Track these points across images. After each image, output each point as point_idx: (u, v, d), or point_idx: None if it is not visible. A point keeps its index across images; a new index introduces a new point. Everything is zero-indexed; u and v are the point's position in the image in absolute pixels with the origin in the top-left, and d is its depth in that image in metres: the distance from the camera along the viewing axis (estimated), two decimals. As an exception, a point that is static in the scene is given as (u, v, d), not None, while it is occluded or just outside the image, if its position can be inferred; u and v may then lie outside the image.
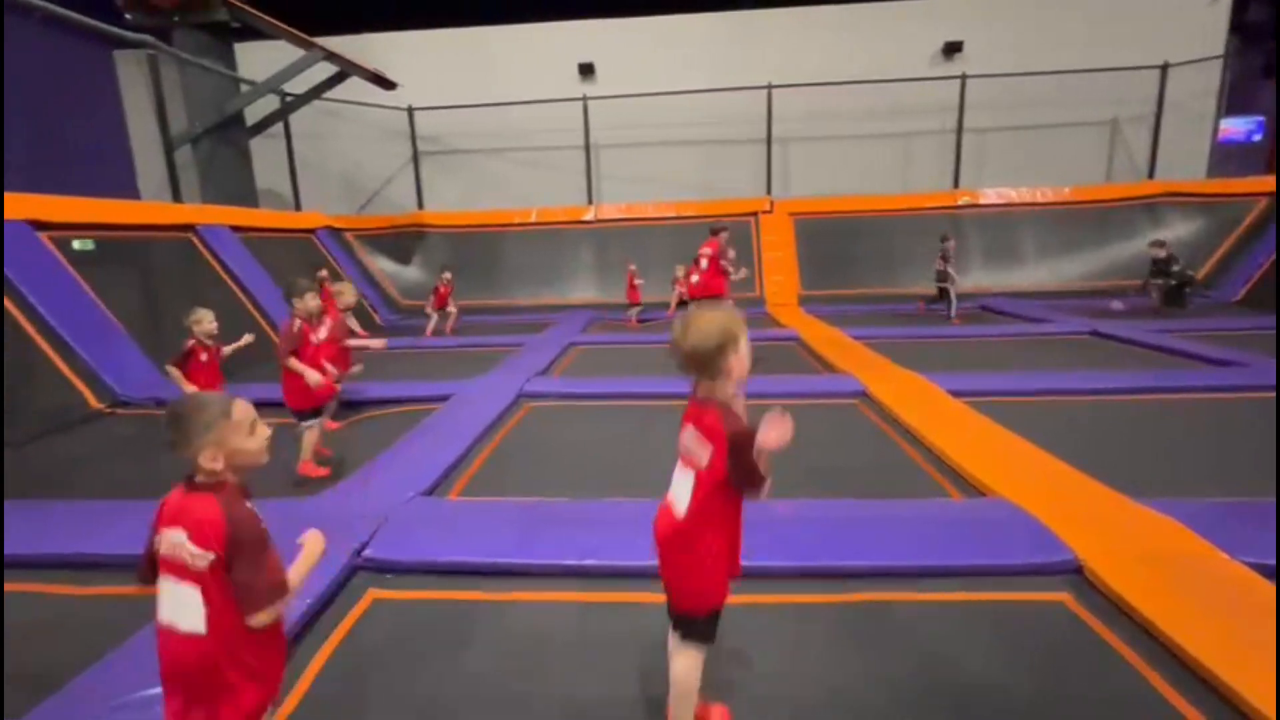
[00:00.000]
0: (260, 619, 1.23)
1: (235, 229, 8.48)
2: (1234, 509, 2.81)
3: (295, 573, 1.32)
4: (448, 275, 9.36)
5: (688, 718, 1.65)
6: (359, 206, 13.44)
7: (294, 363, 3.56)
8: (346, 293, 5.06)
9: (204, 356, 3.82)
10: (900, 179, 12.66)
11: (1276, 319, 6.87)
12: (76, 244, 6.08)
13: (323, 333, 3.90)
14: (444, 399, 5.07)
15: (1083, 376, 5.18)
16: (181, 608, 1.22)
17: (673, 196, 12.44)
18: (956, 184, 11.99)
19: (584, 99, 12.26)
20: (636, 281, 9.52)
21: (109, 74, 13.13)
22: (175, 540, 1.22)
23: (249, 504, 1.29)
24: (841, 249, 11.39)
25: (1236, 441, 3.88)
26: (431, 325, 8.97)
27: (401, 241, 12.12)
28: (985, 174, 12.29)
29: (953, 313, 8.73)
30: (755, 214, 11.76)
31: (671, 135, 12.80)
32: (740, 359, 1.48)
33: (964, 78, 11.69)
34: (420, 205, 12.96)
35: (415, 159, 12.91)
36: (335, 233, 11.24)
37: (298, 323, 3.66)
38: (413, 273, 12.00)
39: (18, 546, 2.72)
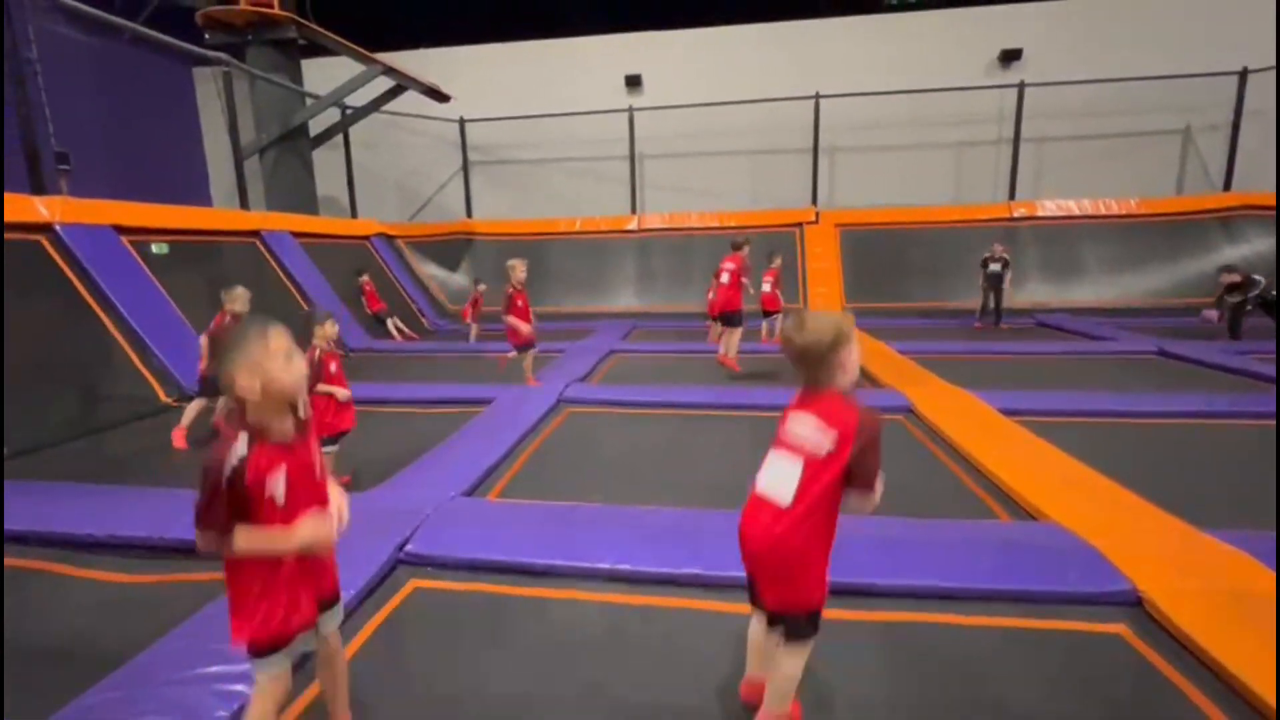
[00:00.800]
0: None
1: (296, 234, 8.90)
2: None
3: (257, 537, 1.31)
4: (483, 286, 9.21)
5: (783, 715, 1.63)
6: (411, 214, 13.93)
7: (323, 385, 3.44)
8: (236, 301, 4.25)
9: (333, 367, 3.50)
10: (952, 189, 12.33)
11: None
12: (154, 248, 6.51)
13: (333, 366, 3.53)
14: (487, 402, 5.18)
15: (1146, 398, 4.91)
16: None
17: (717, 207, 12.43)
18: (1013, 195, 11.58)
19: (630, 110, 12.41)
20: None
21: (188, 89, 14.05)
22: None
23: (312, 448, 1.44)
24: (889, 261, 11.14)
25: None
26: (473, 334, 9.09)
27: (450, 248, 12.49)
28: (1044, 185, 11.85)
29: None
30: (800, 224, 11.63)
31: (717, 146, 12.82)
32: (853, 357, 1.50)
33: (1022, 85, 11.31)
34: (469, 213, 13.33)
35: (465, 168, 13.30)
36: (388, 239, 11.67)
37: (319, 351, 3.45)
38: (461, 279, 12.34)
39: (80, 526, 2.92)
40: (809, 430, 1.49)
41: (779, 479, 1.52)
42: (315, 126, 11.23)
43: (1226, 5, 11.18)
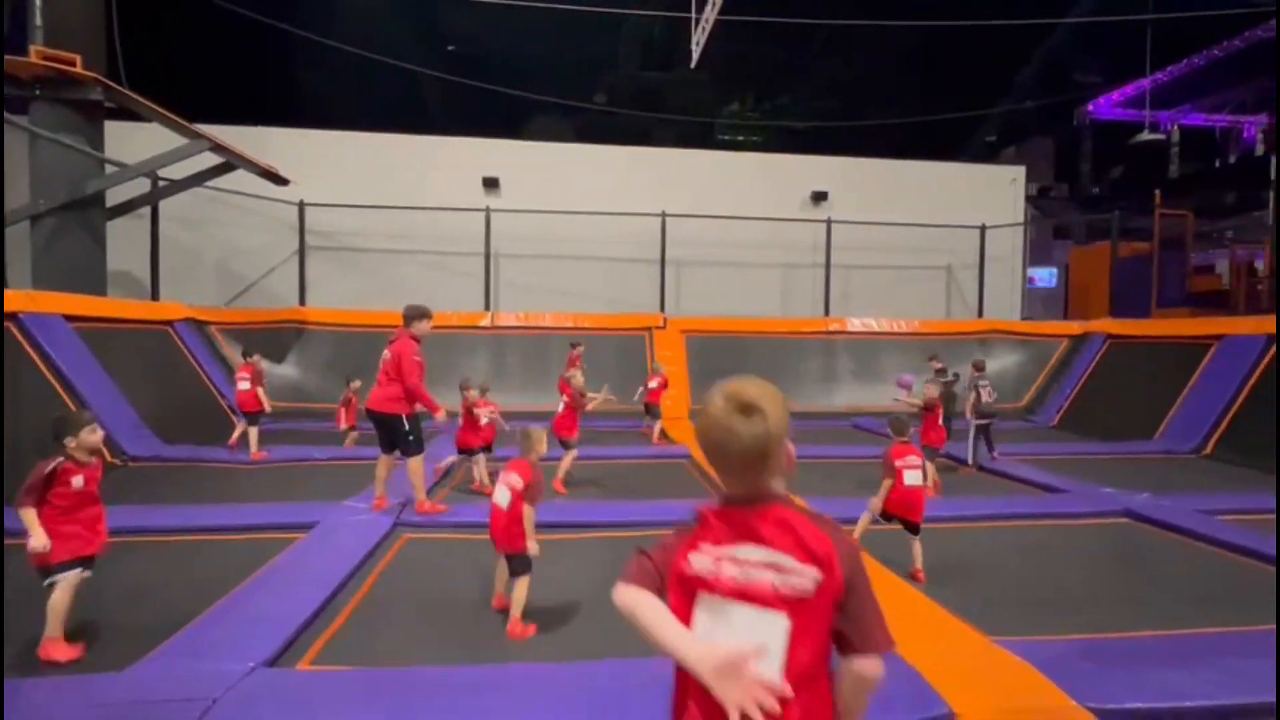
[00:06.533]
0: None
1: (72, 318, 7.48)
2: (1079, 648, 3.06)
3: None
4: (356, 383, 7.88)
5: None
6: (230, 299, 12.48)
7: (27, 513, 2.78)
8: None
9: (77, 480, 2.91)
10: (780, 304, 13.93)
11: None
12: None
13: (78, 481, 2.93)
14: (306, 527, 4.53)
15: (933, 503, 5.60)
16: None
17: (572, 308, 12.77)
18: (827, 312, 13.36)
19: (487, 210, 12.59)
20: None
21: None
22: None
23: None
24: (729, 366, 11.89)
25: (1072, 570, 4.33)
26: (349, 440, 7.86)
27: (277, 338, 11.28)
28: (851, 304, 13.81)
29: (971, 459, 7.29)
30: (650, 329, 12.28)
31: (573, 250, 13.36)
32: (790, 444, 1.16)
33: (829, 222, 13.42)
34: (302, 300, 12.28)
35: (302, 254, 12.38)
36: (197, 325, 10.25)
37: (55, 463, 2.86)
38: (289, 371, 11.11)
39: None
40: (774, 562, 1.06)
41: (750, 643, 1.03)
42: (116, 195, 9.84)
43: (970, 178, 14.50)
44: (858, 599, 1.08)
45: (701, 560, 1.10)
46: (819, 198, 14.08)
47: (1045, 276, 19.96)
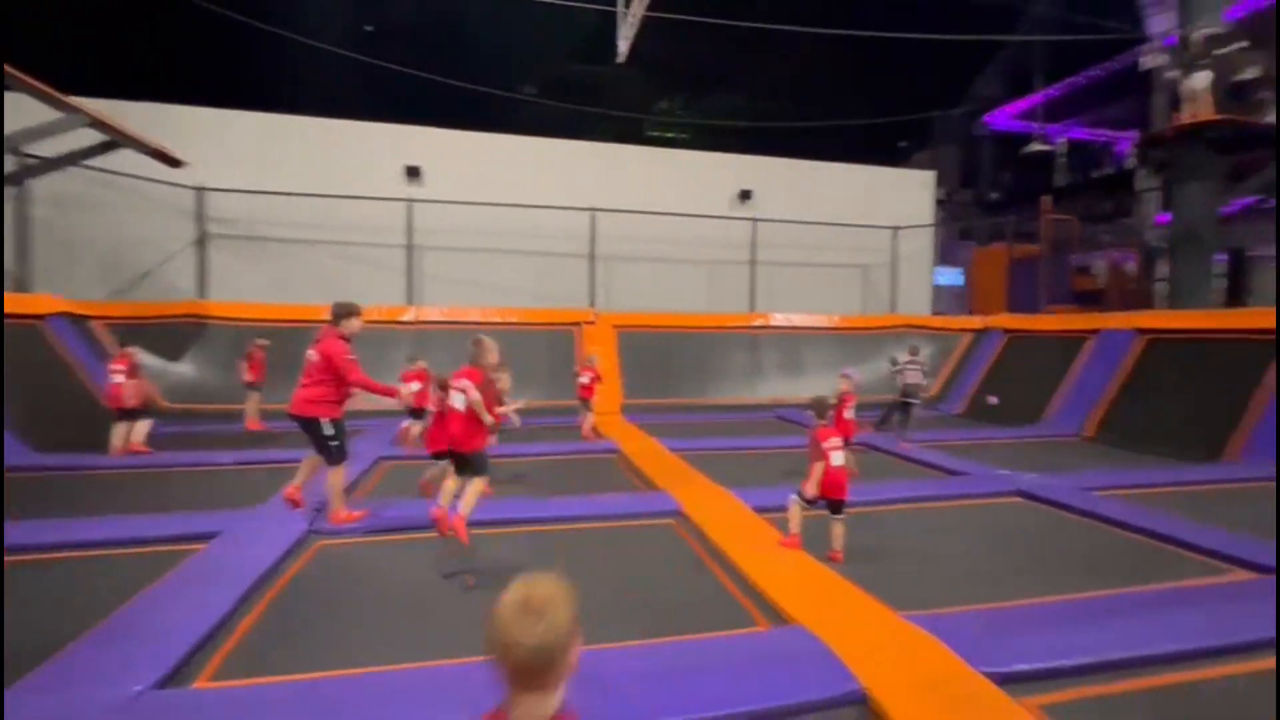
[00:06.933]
0: None
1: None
2: (978, 618, 3.30)
3: None
4: (263, 341, 8.23)
5: None
6: (116, 291, 11.36)
7: None
8: None
9: None
10: (708, 299, 14.20)
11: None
12: None
13: None
14: (206, 538, 4.21)
15: (857, 488, 5.91)
16: None
17: (500, 303, 12.49)
18: (753, 307, 13.74)
19: (409, 200, 12.10)
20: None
21: None
22: None
23: None
24: (660, 361, 12.20)
25: (972, 546, 4.66)
26: (251, 405, 7.72)
27: (173, 333, 10.38)
28: (776, 300, 14.26)
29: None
30: (580, 324, 12.20)
31: (501, 244, 13.06)
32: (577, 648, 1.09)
33: (755, 220, 13.79)
34: (202, 293, 11.37)
35: (202, 243, 11.46)
36: (76, 320, 9.27)
37: None
38: (185, 369, 10.26)
39: None
40: None
41: None
42: (-26, 174, 8.72)
43: (884, 182, 15.28)
44: None
45: None
46: (745, 196, 14.43)
47: (951, 275, 21.39)
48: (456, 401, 3.94)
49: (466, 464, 4.04)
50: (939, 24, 15.87)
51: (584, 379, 8.91)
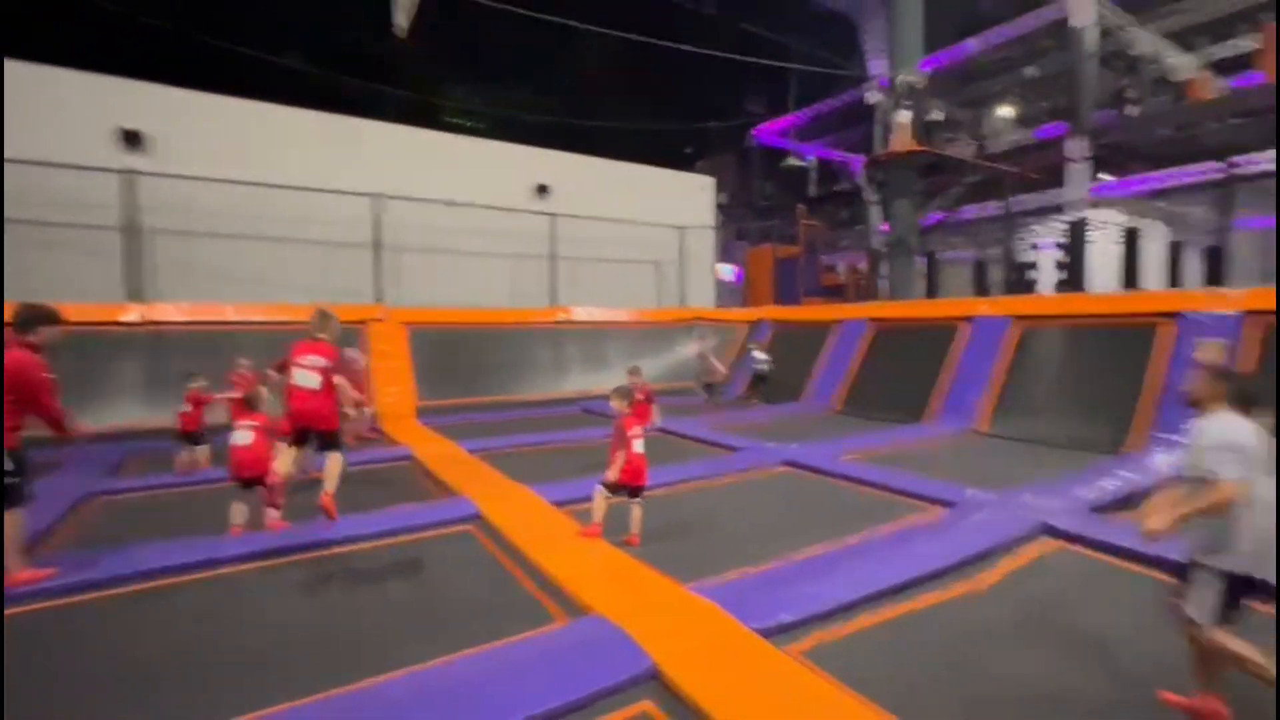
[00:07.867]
0: None
1: None
2: (752, 581, 3.69)
3: None
4: (202, 383, 6.40)
5: None
6: None
7: None
8: None
9: None
10: (509, 294, 13.88)
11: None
12: None
13: None
14: None
15: (655, 471, 6.26)
16: None
17: (268, 298, 10.78)
18: (554, 301, 13.77)
19: (130, 171, 9.83)
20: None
21: None
22: None
23: None
24: (459, 358, 11.62)
25: (749, 514, 5.20)
26: (201, 458, 6.37)
27: None
28: (578, 294, 14.48)
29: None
30: (366, 321, 11.08)
31: (260, 229, 11.27)
32: None
33: (554, 215, 13.81)
34: None
35: None
36: None
37: None
38: None
39: None
40: None
41: None
42: None
43: (670, 185, 16.33)
44: None
45: None
46: (542, 190, 14.37)
47: (729, 272, 23.79)
48: (308, 380, 3.90)
49: (327, 442, 4.15)
50: (722, 44, 17.45)
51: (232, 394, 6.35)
